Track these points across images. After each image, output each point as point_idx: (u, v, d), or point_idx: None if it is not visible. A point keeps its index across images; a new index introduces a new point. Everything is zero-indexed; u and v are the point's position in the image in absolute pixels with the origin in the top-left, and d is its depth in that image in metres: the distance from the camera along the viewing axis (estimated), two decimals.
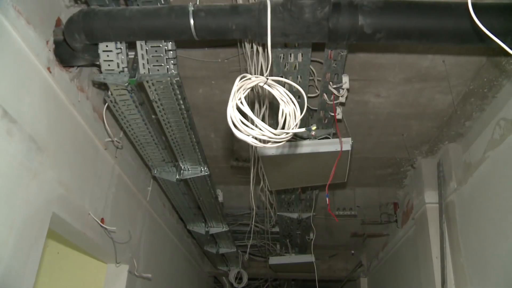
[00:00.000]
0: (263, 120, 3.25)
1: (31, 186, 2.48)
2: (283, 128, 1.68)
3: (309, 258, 6.19)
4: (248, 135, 1.62)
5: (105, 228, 3.49)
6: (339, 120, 3.42)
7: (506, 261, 3.17)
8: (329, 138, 3.44)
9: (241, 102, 1.64)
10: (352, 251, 7.79)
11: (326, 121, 3.43)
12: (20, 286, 2.46)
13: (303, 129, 1.66)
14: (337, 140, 3.30)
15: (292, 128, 1.68)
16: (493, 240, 3.36)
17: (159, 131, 3.46)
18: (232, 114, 1.60)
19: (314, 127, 1.65)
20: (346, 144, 3.26)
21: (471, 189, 3.77)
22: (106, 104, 3.10)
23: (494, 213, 3.38)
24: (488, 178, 3.51)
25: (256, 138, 1.63)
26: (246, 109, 1.63)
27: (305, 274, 7.44)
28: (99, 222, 3.39)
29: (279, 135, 1.63)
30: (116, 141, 3.61)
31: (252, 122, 1.61)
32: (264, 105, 3.26)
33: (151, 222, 4.87)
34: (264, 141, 1.67)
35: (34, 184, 2.50)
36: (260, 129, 1.60)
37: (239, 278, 7.39)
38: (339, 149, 3.23)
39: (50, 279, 4.07)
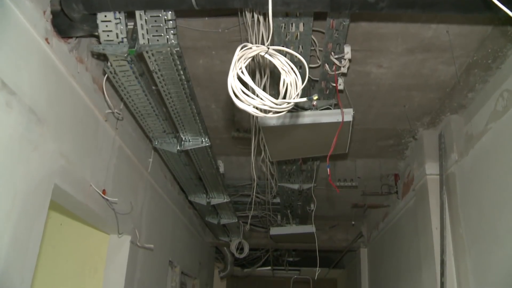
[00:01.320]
0: (264, 90, 3.22)
1: (32, 158, 2.48)
2: (284, 98, 1.67)
3: (309, 228, 6.24)
4: (249, 105, 1.61)
5: (107, 199, 3.50)
6: (340, 91, 3.39)
7: (505, 232, 3.19)
8: (330, 109, 3.42)
9: (242, 72, 1.62)
10: (353, 222, 7.85)
11: (327, 92, 3.41)
12: (25, 256, 2.49)
13: (304, 99, 1.65)
14: (338, 111, 3.28)
15: (294, 98, 1.67)
16: (493, 212, 3.38)
17: (160, 102, 3.44)
18: (233, 83, 1.59)
19: (315, 97, 1.64)
20: (348, 115, 3.24)
21: (472, 161, 3.77)
22: (106, 75, 3.08)
23: (495, 184, 3.38)
24: (489, 149, 3.50)
25: (257, 108, 1.62)
26: (247, 78, 1.61)
27: (306, 245, 7.51)
28: (101, 193, 3.40)
29: (280, 104, 1.62)
30: (117, 112, 3.59)
31: (253, 92, 1.59)
32: (265, 75, 3.23)
33: (153, 193, 4.90)
34: (265, 111, 1.66)
35: (35, 156, 2.50)
36: (261, 98, 1.58)
37: (240, 249, 7.48)
38: (340, 120, 3.22)
39: (53, 250, 4.12)
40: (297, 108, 3.35)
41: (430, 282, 4.21)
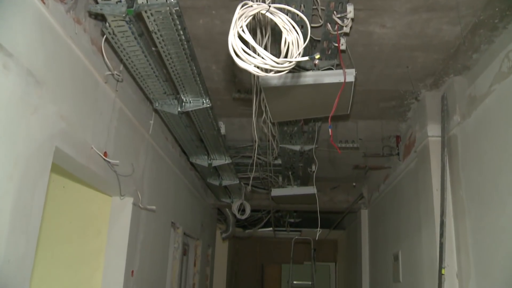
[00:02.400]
0: (265, 50, 3.18)
1: (32, 120, 2.46)
2: (285, 57, 1.64)
3: (311, 190, 6.27)
4: (250, 64, 1.58)
5: (108, 162, 3.51)
6: (342, 51, 3.34)
7: (506, 194, 3.20)
8: (332, 69, 3.38)
9: (243, 30, 1.58)
10: (354, 184, 7.90)
11: (329, 52, 3.36)
12: (29, 218, 2.51)
13: (306, 58, 1.62)
14: (340, 71, 3.24)
15: (295, 57, 1.64)
16: (494, 174, 3.38)
17: (160, 64, 3.40)
18: (233, 42, 1.56)
19: (317, 56, 1.61)
20: (350, 75, 3.21)
21: (475, 123, 3.75)
22: (105, 36, 3.03)
23: (497, 146, 3.37)
24: (492, 111, 3.47)
25: (258, 67, 1.59)
26: (247, 37, 1.58)
27: (307, 206, 7.58)
28: (102, 155, 3.41)
29: (281, 64, 1.59)
30: (116, 74, 3.56)
31: (254, 51, 1.56)
32: (266, 34, 3.17)
33: (154, 155, 4.91)
34: (266, 70, 1.63)
35: (35, 118, 2.49)
36: (262, 57, 1.55)
37: (242, 210, 7.55)
38: (342, 80, 3.19)
39: (57, 213, 4.16)
40: (299, 68, 3.32)
41: (429, 243, 4.26)
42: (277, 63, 1.58)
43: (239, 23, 1.59)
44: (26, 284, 2.54)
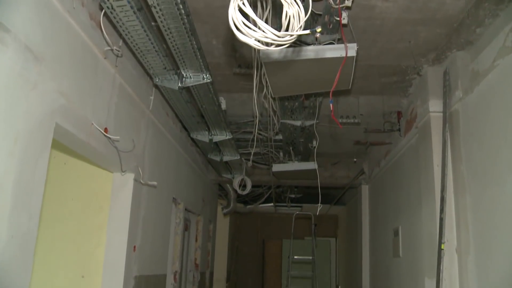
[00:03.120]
0: (266, 24, 3.14)
1: (31, 97, 2.45)
2: (286, 30, 1.62)
3: (311, 165, 6.28)
4: (250, 38, 1.56)
5: (109, 138, 3.51)
6: (344, 25, 3.30)
7: (506, 170, 3.19)
8: (333, 43, 3.34)
9: (243, 3, 1.55)
10: (355, 159, 7.90)
11: (330, 27, 3.31)
12: (30, 195, 2.52)
13: (307, 31, 1.60)
14: (342, 45, 3.21)
15: (296, 30, 1.61)
16: (495, 150, 3.37)
17: (159, 38, 3.37)
18: (234, 15, 1.53)
19: (319, 29, 1.59)
20: (351, 49, 3.17)
21: (477, 98, 3.72)
22: (103, 10, 2.99)
23: (499, 122, 3.35)
24: (495, 86, 3.44)
25: (258, 41, 1.57)
26: (248, 10, 1.55)
27: (308, 181, 7.60)
28: (103, 131, 3.40)
29: (282, 37, 1.57)
30: (116, 49, 3.52)
31: (255, 24, 1.54)
32: (267, 8, 3.13)
33: (155, 131, 4.90)
34: (267, 44, 1.61)
35: (34, 95, 2.48)
36: (263, 31, 1.53)
37: (243, 185, 7.58)
38: (344, 54, 3.15)
39: (59, 189, 4.18)
40: (300, 43, 3.28)
41: (429, 218, 4.28)
42: (278, 36, 1.56)
43: None
44: (29, 260, 2.56)
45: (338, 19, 3.15)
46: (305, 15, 1.62)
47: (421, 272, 4.60)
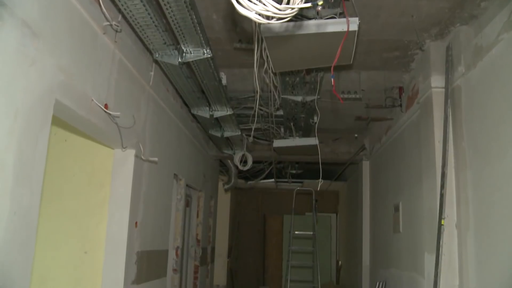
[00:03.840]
0: None
1: (30, 73, 2.43)
2: (287, 3, 1.59)
3: (312, 141, 6.28)
4: (251, 11, 1.53)
5: (109, 114, 3.49)
6: None
7: (507, 147, 3.18)
8: (335, 18, 3.30)
9: None
10: (356, 135, 7.90)
11: (332, 0, 3.27)
12: (31, 172, 2.52)
13: (308, 4, 1.57)
14: (343, 19, 3.16)
15: (297, 4, 1.58)
16: (497, 125, 3.36)
17: (159, 13, 3.32)
18: None
19: (320, 2, 1.56)
20: (353, 24, 3.13)
21: (480, 74, 3.69)
22: None
23: (502, 98, 3.33)
24: (499, 62, 3.40)
25: (259, 14, 1.54)
26: None
27: (309, 157, 7.61)
28: (103, 107, 3.39)
29: (283, 10, 1.54)
30: (115, 24, 3.48)
31: None
32: None
33: (155, 107, 4.88)
34: (268, 17, 1.58)
35: (33, 71, 2.45)
36: (263, 4, 1.50)
37: (244, 161, 7.59)
38: (345, 29, 3.11)
39: (60, 167, 4.18)
40: (301, 17, 3.24)
41: (430, 194, 4.29)
42: (279, 9, 1.53)
43: None
44: (32, 236, 2.58)
45: None
46: None
47: (421, 247, 4.64)
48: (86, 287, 4.08)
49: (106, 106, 3.45)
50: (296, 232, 8.56)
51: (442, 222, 3.93)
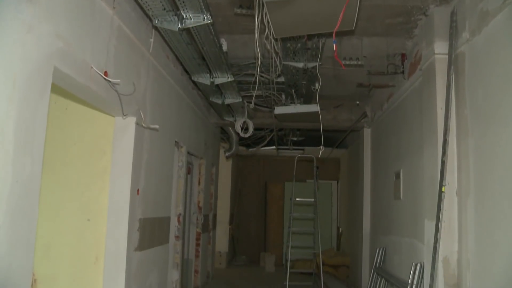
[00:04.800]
0: None
1: (27, 40, 2.40)
2: None
3: (314, 107, 6.25)
4: None
5: (109, 81, 3.47)
6: None
7: (510, 114, 3.16)
8: None
9: None
10: (357, 102, 7.86)
11: None
12: (32, 140, 2.52)
13: None
14: None
15: None
16: (501, 92, 3.32)
17: None
18: None
19: None
20: None
21: (484, 40, 3.63)
22: None
23: (505, 65, 3.28)
24: (505, 28, 3.33)
25: None
26: None
27: (310, 124, 7.59)
28: (102, 75, 3.36)
29: None
30: None
31: None
32: None
33: (156, 74, 4.84)
34: None
35: (30, 38, 2.43)
36: None
37: (245, 128, 7.57)
38: None
39: (61, 135, 4.18)
40: None
41: (431, 161, 4.29)
42: None
43: None
44: (35, 204, 2.59)
45: None
46: None
47: (421, 214, 4.67)
48: (89, 254, 4.13)
49: (105, 73, 3.42)
50: (297, 199, 8.61)
51: (443, 189, 3.94)
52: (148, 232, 4.71)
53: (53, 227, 4.15)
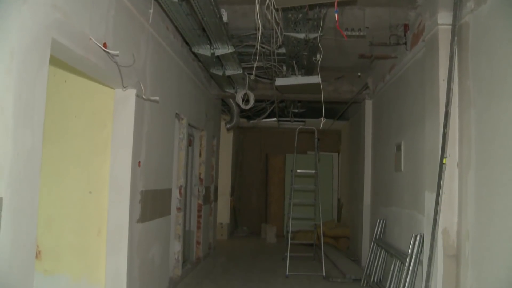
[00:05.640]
0: None
1: (23, 11, 2.37)
2: None
3: (315, 79, 6.21)
4: None
5: (108, 52, 3.44)
6: None
7: None
8: None
9: None
10: (359, 73, 7.80)
11: None
12: (32, 112, 2.52)
13: None
14: None
15: None
16: (505, 64, 3.28)
17: None
18: None
19: None
20: None
21: (490, 9, 3.56)
22: None
23: (511, 36, 3.23)
24: None
25: None
26: None
27: (311, 96, 7.56)
28: (101, 46, 3.32)
29: None
30: None
31: None
32: None
33: (155, 45, 4.80)
34: None
35: (26, 8, 2.39)
36: None
37: (246, 100, 7.54)
38: None
39: (61, 107, 4.17)
40: None
41: (432, 133, 4.28)
42: None
43: None
44: (36, 176, 2.60)
45: None
46: None
47: (422, 186, 4.68)
48: (92, 226, 4.17)
49: (104, 44, 3.39)
50: (298, 171, 8.62)
51: (444, 161, 3.94)
52: (150, 204, 4.73)
53: (56, 200, 4.18)
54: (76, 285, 4.16)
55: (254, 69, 6.01)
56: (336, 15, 3.11)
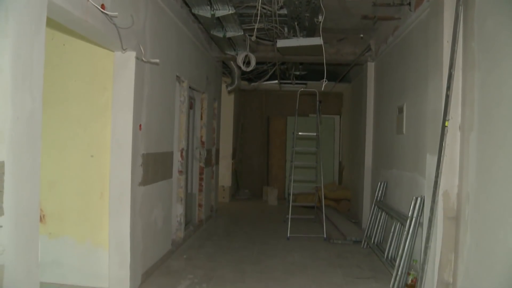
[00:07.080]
0: None
1: None
2: None
3: (317, 40, 6.12)
4: None
5: (106, 14, 3.38)
6: None
7: None
8: None
9: None
10: (361, 35, 7.68)
11: None
12: (30, 76, 2.50)
13: None
14: None
15: None
16: (510, 26, 3.21)
17: None
18: None
19: None
20: None
21: None
22: None
23: None
24: None
25: None
26: None
27: (313, 58, 7.47)
28: (99, 7, 3.27)
29: None
30: None
31: None
32: None
33: (154, 7, 4.71)
34: None
35: None
36: None
37: (247, 62, 7.46)
38: None
39: (60, 71, 4.14)
40: None
41: (435, 95, 4.24)
42: None
43: None
44: (37, 140, 2.59)
45: None
46: None
47: (423, 148, 4.68)
48: (94, 190, 4.20)
49: (102, 6, 3.32)
50: (300, 133, 8.61)
51: (446, 123, 3.92)
52: (152, 167, 4.75)
53: (58, 164, 4.19)
54: (81, 246, 4.23)
55: (255, 30, 5.92)
56: None
